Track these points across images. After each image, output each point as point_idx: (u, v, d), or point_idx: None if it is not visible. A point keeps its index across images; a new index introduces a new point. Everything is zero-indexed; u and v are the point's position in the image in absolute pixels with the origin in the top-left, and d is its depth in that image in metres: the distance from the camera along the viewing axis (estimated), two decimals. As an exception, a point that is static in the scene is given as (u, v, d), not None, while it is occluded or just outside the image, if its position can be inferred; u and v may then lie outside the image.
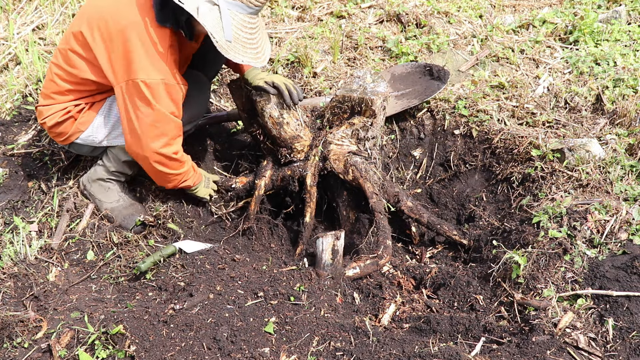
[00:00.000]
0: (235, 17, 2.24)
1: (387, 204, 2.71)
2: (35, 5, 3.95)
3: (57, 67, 2.41)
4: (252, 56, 2.33)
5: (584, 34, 3.58)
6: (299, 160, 2.77)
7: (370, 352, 1.98)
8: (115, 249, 2.57)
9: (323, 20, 3.90)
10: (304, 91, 3.36)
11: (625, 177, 2.57)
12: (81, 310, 2.23)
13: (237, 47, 2.27)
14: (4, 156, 2.99)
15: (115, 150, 2.61)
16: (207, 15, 2.17)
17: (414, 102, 3.16)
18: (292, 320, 2.11)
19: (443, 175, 3.15)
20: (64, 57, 2.38)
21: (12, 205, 2.73)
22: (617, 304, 2.05)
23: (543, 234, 2.35)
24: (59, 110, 2.48)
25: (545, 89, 3.25)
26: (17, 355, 2.03)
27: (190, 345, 1.99)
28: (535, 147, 2.80)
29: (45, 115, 2.50)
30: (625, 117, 2.93)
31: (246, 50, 2.31)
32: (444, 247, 2.87)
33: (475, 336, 2.09)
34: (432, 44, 3.59)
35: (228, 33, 2.22)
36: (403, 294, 2.49)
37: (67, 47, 2.35)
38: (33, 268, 2.42)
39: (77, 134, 2.53)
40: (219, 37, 2.20)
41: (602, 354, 1.94)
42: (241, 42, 2.28)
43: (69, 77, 2.40)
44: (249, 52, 2.32)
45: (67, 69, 2.38)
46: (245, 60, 2.30)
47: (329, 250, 2.35)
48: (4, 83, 3.43)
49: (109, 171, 2.67)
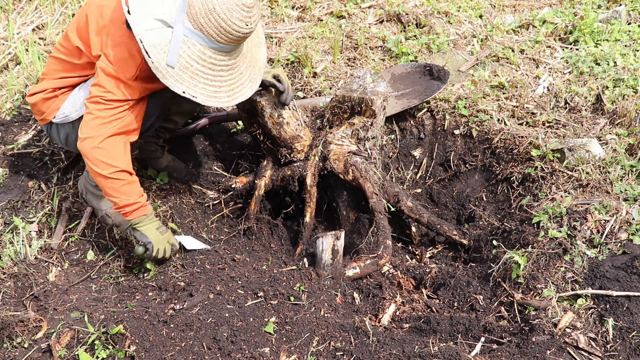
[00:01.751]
0: (192, 46, 2.11)
1: (387, 204, 2.71)
2: (35, 5, 3.95)
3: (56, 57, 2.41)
4: (204, 92, 2.17)
5: (584, 34, 3.58)
6: (299, 160, 2.77)
7: (370, 352, 1.98)
8: (115, 249, 2.57)
9: (323, 20, 3.90)
10: (304, 91, 3.37)
11: (625, 177, 2.57)
12: (81, 310, 2.23)
13: (182, 76, 2.11)
14: (4, 156, 2.99)
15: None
16: (150, 33, 2.05)
17: (414, 102, 3.16)
18: (292, 320, 2.12)
19: (443, 175, 3.15)
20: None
21: (12, 205, 2.73)
22: (617, 304, 2.05)
23: (543, 234, 2.35)
24: (42, 90, 2.44)
25: (545, 89, 3.25)
26: (17, 355, 2.03)
27: (190, 345, 1.99)
28: (535, 147, 2.80)
29: (31, 92, 2.47)
30: (625, 117, 2.93)
31: (196, 83, 2.15)
32: (444, 247, 2.87)
33: (475, 336, 2.09)
34: (432, 44, 3.59)
35: (172, 58, 2.07)
36: (403, 294, 2.49)
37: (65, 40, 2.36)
38: (33, 268, 2.42)
39: (54, 111, 2.45)
40: (157, 59, 2.05)
41: (602, 354, 1.94)
42: (192, 73, 2.13)
43: (63, 64, 2.41)
44: (200, 86, 2.16)
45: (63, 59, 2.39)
46: (190, 93, 2.13)
47: (329, 250, 2.35)
48: (4, 83, 3.43)
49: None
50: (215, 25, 2.08)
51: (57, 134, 2.56)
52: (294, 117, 2.72)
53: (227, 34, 2.10)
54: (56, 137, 2.58)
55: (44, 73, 2.48)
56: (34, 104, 2.48)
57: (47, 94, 2.44)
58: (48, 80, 2.45)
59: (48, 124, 2.53)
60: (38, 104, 2.46)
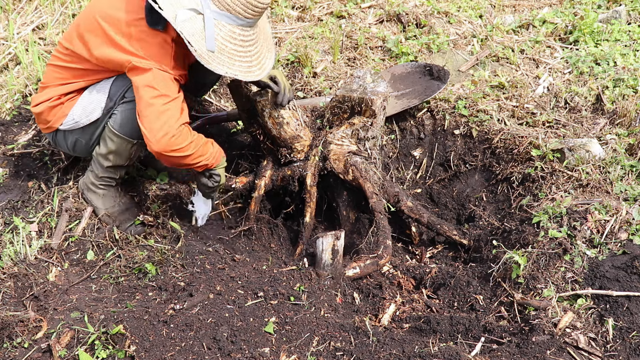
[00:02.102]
0: (223, 28, 2.19)
1: (387, 204, 2.71)
2: (35, 5, 3.95)
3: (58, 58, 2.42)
4: (241, 69, 2.27)
5: (584, 34, 3.58)
6: (299, 160, 2.77)
7: (370, 352, 1.98)
8: (115, 249, 2.57)
9: (323, 20, 3.90)
10: (304, 91, 3.37)
11: (625, 177, 2.57)
12: (81, 310, 2.23)
13: (222, 58, 2.21)
14: (4, 156, 2.99)
15: (97, 157, 2.57)
16: (186, 23, 2.12)
17: (414, 102, 3.16)
18: (292, 320, 2.12)
19: (443, 175, 3.15)
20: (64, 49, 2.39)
21: (12, 205, 2.73)
22: (617, 304, 2.05)
23: (543, 234, 2.35)
24: (48, 99, 2.45)
25: (545, 89, 3.25)
26: (17, 355, 2.03)
27: (190, 345, 1.99)
28: (535, 147, 2.80)
29: (36, 102, 2.48)
30: (625, 117, 2.93)
31: (234, 62, 2.25)
32: (444, 247, 2.87)
33: (475, 336, 2.09)
34: (432, 44, 3.59)
35: (210, 43, 2.17)
36: (403, 294, 2.49)
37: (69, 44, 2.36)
38: (33, 268, 2.42)
39: (61, 119, 2.48)
40: (199, 47, 2.15)
41: (602, 354, 1.94)
42: (228, 53, 2.23)
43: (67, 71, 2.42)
44: (237, 65, 2.26)
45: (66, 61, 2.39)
46: (231, 72, 2.24)
47: (329, 250, 2.35)
48: (4, 83, 3.43)
49: (98, 177, 2.62)
50: (243, 2, 2.17)
51: (64, 141, 2.57)
52: (294, 117, 2.72)
53: (253, 7, 2.19)
54: (63, 144, 2.60)
55: (45, 82, 2.48)
56: (40, 113, 2.48)
57: (53, 102, 2.44)
58: (52, 88, 2.45)
59: (53, 132, 2.55)
60: (44, 112, 2.47)
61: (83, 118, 2.46)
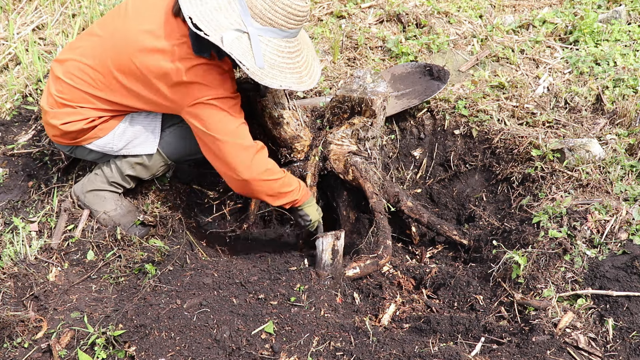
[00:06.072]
0: (269, 43, 2.18)
1: (387, 204, 2.71)
2: (35, 5, 3.95)
3: (90, 85, 2.35)
4: (293, 80, 2.27)
5: (584, 34, 3.58)
6: (299, 160, 2.77)
7: (370, 352, 1.98)
8: (115, 249, 2.57)
9: (323, 20, 3.90)
10: (304, 91, 3.36)
11: (625, 177, 2.57)
12: (81, 310, 2.23)
13: (273, 72, 2.21)
14: (4, 156, 2.99)
15: (121, 162, 2.54)
16: (234, 43, 2.11)
17: (414, 102, 3.16)
18: (292, 320, 2.11)
19: (443, 175, 3.15)
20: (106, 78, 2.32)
21: (12, 205, 2.73)
22: (617, 304, 2.05)
23: (543, 234, 2.35)
24: (82, 119, 2.40)
25: (545, 89, 3.25)
26: (17, 355, 2.03)
27: (190, 345, 1.99)
28: (535, 147, 2.80)
29: (66, 120, 2.40)
30: (625, 117, 2.93)
31: (285, 75, 2.24)
32: (444, 247, 2.87)
33: (475, 336, 2.09)
34: (432, 44, 3.59)
35: (259, 60, 2.16)
36: (403, 294, 2.49)
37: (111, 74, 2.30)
38: (33, 268, 2.42)
39: (92, 139, 2.45)
40: (250, 65, 2.14)
41: (602, 354, 1.94)
42: (278, 67, 2.22)
43: (102, 103, 2.38)
44: (288, 77, 2.25)
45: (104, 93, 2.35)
46: (285, 84, 2.24)
47: (329, 250, 2.35)
48: (4, 83, 3.43)
49: (108, 182, 2.60)
50: (283, 13, 2.14)
51: (84, 152, 2.57)
52: (294, 117, 2.72)
53: (294, 17, 2.17)
54: (81, 154, 2.59)
55: (71, 100, 2.38)
56: (70, 132, 2.42)
57: (88, 124, 2.40)
58: (87, 109, 2.38)
59: (75, 145, 2.52)
60: (76, 131, 2.42)
61: (120, 146, 2.48)
